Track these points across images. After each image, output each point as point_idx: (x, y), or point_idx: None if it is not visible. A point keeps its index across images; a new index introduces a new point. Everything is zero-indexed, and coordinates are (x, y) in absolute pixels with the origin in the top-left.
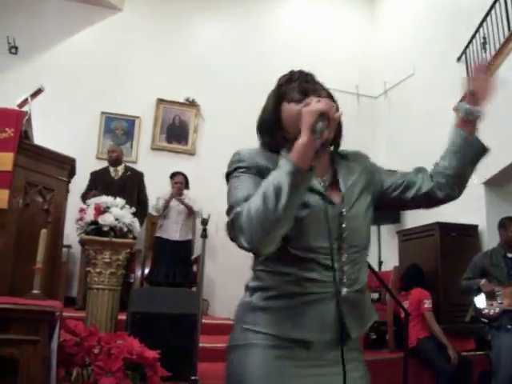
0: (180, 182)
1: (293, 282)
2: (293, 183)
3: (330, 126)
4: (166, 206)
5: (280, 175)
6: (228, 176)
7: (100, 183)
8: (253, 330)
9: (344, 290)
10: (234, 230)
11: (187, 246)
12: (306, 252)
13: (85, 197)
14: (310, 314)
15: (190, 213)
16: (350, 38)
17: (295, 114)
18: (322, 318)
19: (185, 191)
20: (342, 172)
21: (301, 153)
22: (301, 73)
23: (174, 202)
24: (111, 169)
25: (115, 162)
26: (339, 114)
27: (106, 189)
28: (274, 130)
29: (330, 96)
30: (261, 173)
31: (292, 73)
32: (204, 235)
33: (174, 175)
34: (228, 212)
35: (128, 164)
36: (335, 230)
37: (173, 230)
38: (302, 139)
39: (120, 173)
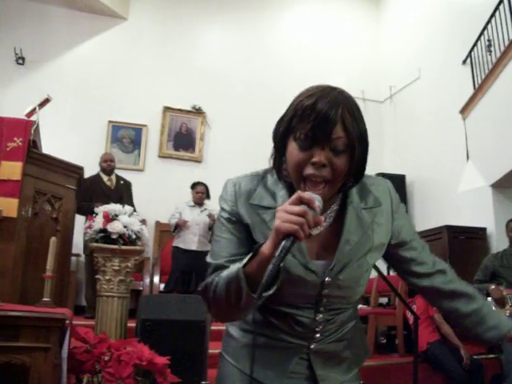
0: (201, 191)
1: (263, 324)
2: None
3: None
4: (177, 227)
5: (240, 279)
6: None
7: (95, 192)
8: (223, 356)
9: (313, 345)
10: (204, 298)
11: (205, 255)
12: (280, 306)
13: (83, 208)
14: (272, 358)
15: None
16: (355, 43)
17: (292, 161)
18: (283, 365)
19: (206, 201)
20: (347, 225)
21: (260, 263)
22: (324, 105)
23: (191, 214)
24: (105, 177)
25: (111, 171)
26: (319, 219)
27: (104, 197)
28: (276, 155)
29: (360, 137)
30: (240, 222)
31: (313, 104)
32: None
33: (194, 185)
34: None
35: (135, 172)
36: (313, 296)
37: (191, 241)
38: (264, 250)
39: (114, 182)
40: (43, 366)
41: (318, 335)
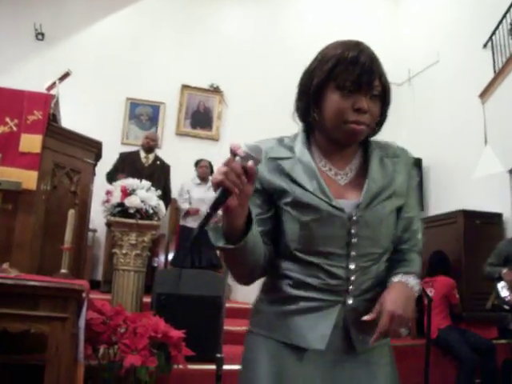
0: (205, 165)
1: (293, 286)
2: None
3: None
4: (188, 213)
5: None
6: None
7: (129, 166)
8: (252, 332)
9: (350, 301)
10: None
11: None
12: (310, 256)
13: (111, 176)
14: (306, 320)
15: None
16: (374, 24)
17: (334, 108)
18: (317, 325)
19: (210, 177)
20: (373, 167)
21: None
22: (366, 57)
23: (199, 192)
24: (142, 154)
25: (150, 149)
26: (252, 167)
27: (135, 173)
28: (309, 105)
29: (388, 85)
30: (264, 187)
31: (357, 55)
32: None
33: (198, 162)
34: None
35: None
36: (343, 237)
37: (199, 219)
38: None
39: (150, 160)
40: (61, 334)
41: (351, 287)
